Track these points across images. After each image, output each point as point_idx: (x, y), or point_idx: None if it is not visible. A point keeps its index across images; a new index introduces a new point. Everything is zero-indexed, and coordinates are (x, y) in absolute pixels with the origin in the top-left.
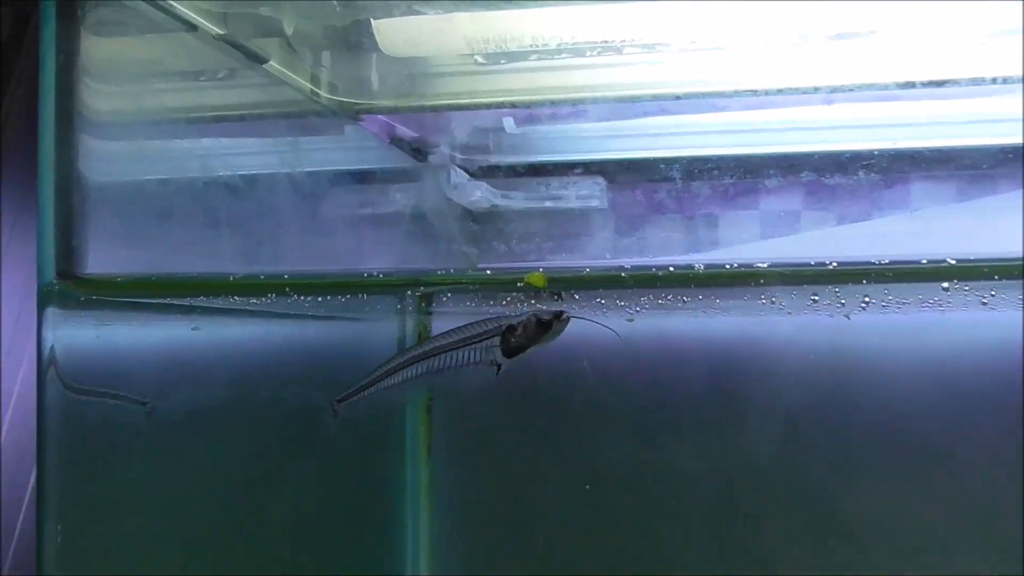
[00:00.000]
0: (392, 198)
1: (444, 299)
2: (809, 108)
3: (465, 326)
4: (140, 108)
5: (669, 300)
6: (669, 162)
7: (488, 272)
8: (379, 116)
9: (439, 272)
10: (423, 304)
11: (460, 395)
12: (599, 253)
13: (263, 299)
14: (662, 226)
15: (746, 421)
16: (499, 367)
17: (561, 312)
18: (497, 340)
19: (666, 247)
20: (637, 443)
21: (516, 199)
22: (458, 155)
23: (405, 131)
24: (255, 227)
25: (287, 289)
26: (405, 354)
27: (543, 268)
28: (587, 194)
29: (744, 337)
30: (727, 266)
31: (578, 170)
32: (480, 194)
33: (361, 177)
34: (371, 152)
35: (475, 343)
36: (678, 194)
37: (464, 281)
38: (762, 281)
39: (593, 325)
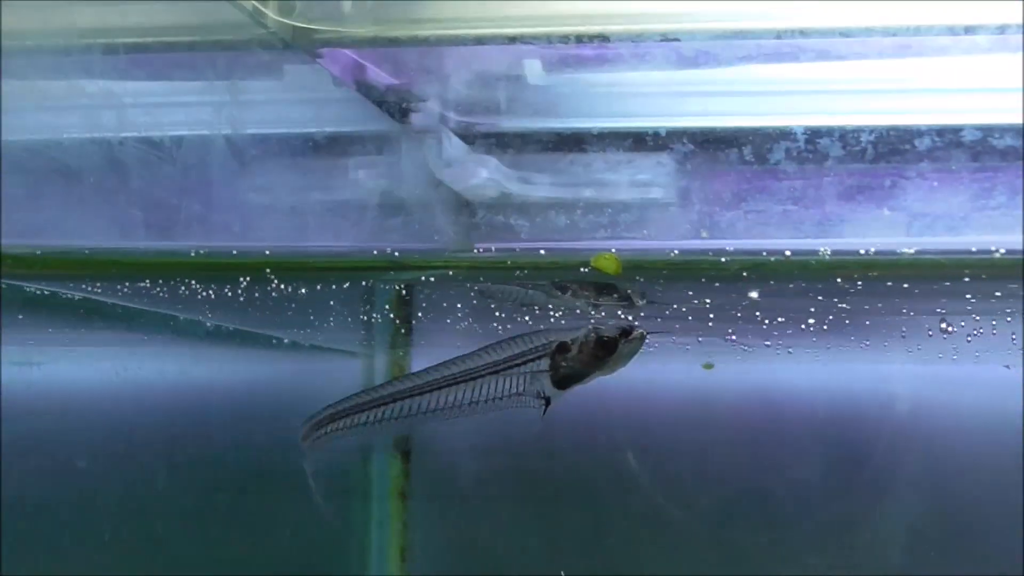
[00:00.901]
0: (353, 178)
1: (433, 298)
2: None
3: (500, 343)
4: (46, 29)
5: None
6: (775, 135)
7: (491, 250)
8: (345, 51)
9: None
10: (400, 312)
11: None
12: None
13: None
14: (758, 232)
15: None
16: (547, 403)
17: (632, 327)
18: (545, 363)
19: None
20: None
21: (539, 184)
22: (454, 115)
23: (379, 75)
24: (179, 205)
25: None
26: (406, 381)
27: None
28: (646, 180)
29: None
30: (862, 251)
31: (633, 143)
32: (486, 175)
33: (310, 144)
34: (327, 105)
35: (513, 367)
36: (788, 183)
37: (463, 264)
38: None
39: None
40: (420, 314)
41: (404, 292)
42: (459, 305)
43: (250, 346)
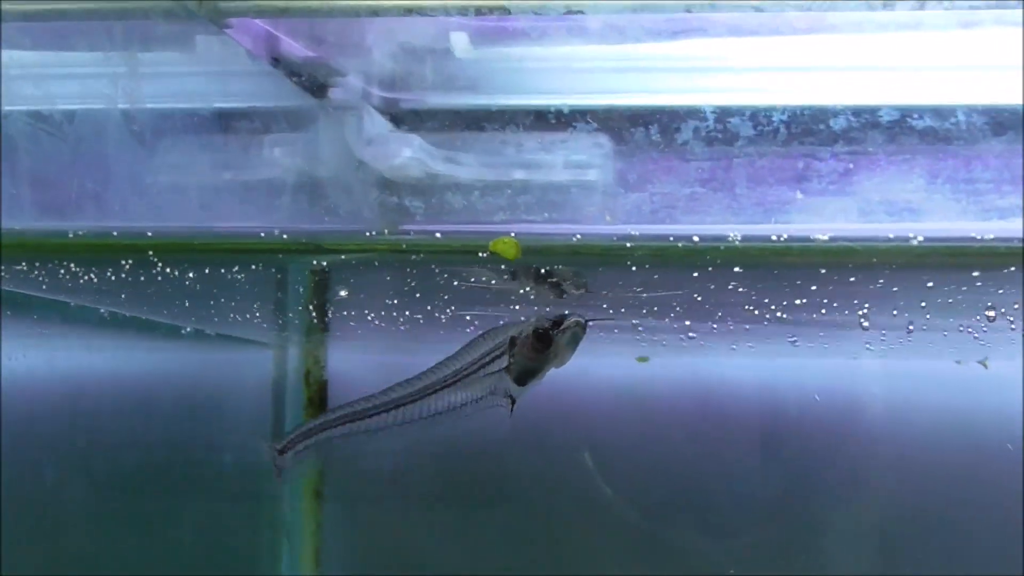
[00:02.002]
0: (267, 157)
1: (352, 283)
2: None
3: (465, 347)
4: None
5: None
6: (713, 113)
7: (408, 235)
8: (256, 22)
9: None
10: (316, 299)
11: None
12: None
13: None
14: (695, 213)
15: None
16: (513, 401)
17: (562, 317)
18: (504, 361)
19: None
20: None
21: (467, 164)
22: (376, 91)
23: (294, 48)
24: (71, 184)
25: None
26: (383, 396)
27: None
28: (582, 161)
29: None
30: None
31: (569, 122)
32: (410, 154)
33: (220, 121)
34: (239, 80)
35: (479, 369)
36: (725, 164)
37: (383, 248)
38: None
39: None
40: (337, 302)
41: (319, 278)
42: (380, 292)
43: (149, 335)
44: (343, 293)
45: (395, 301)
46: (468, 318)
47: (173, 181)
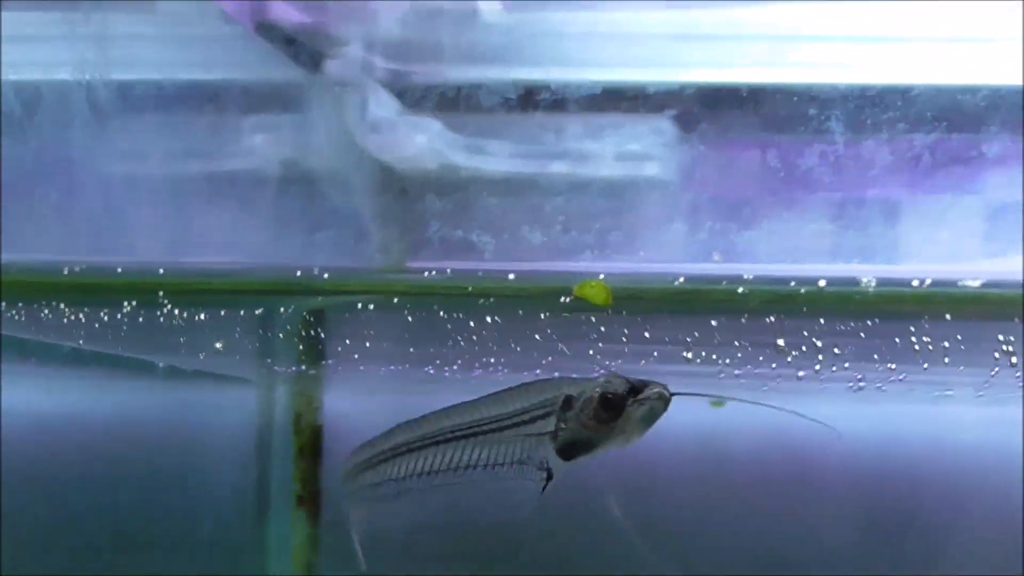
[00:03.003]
0: (247, 144)
1: (356, 327)
2: None
3: (506, 392)
4: None
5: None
6: (814, 95)
7: (431, 273)
8: None
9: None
10: (307, 341)
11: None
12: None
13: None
14: (788, 223)
15: None
16: (549, 476)
17: (645, 383)
18: (551, 423)
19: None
20: None
21: (495, 155)
22: (382, 63)
23: (285, 11)
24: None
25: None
26: (373, 447)
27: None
28: (637, 151)
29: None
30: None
31: (622, 102)
32: (425, 142)
33: (188, 98)
34: (215, 48)
35: (512, 426)
36: (830, 160)
37: (388, 290)
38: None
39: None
40: (333, 334)
41: (311, 314)
42: (385, 328)
43: (119, 371)
44: (337, 325)
45: (405, 336)
46: (501, 365)
47: (127, 172)
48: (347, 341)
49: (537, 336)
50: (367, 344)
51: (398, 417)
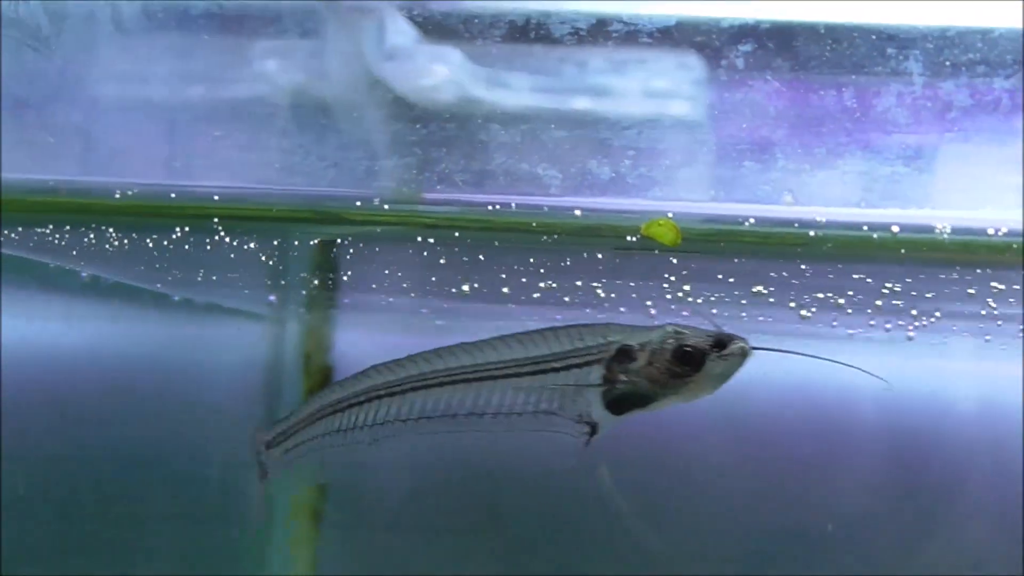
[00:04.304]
0: (258, 70)
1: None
2: None
3: (538, 333)
4: None
5: None
6: (892, 34)
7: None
8: None
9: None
10: (319, 268)
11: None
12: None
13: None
14: (839, 170)
15: None
16: (592, 430)
17: (730, 338)
18: (597, 373)
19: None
20: None
21: (516, 89)
22: None
23: None
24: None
25: None
26: (391, 373)
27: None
28: (666, 88)
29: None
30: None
31: (647, 35)
32: (445, 73)
33: (198, 19)
34: None
35: (549, 371)
36: (907, 101)
37: (404, 221)
38: None
39: None
40: (346, 271)
41: (325, 246)
42: (398, 262)
43: (133, 304)
44: (350, 259)
45: (421, 273)
46: (536, 301)
47: (124, 95)
48: (361, 278)
49: (559, 276)
50: (381, 280)
51: None
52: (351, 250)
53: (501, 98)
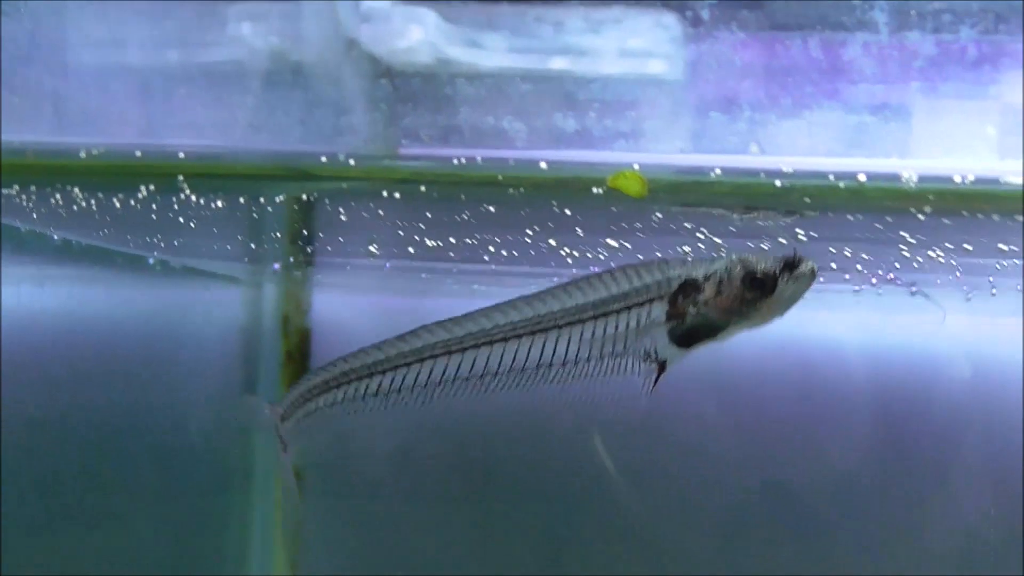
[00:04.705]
0: (232, 33)
1: (341, 211)
2: None
3: (594, 277)
4: None
5: None
6: None
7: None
8: None
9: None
10: (296, 229)
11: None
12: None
13: None
14: (811, 122)
15: None
16: (661, 367)
17: (800, 258)
18: (661, 310)
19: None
20: None
21: (491, 50)
22: None
23: None
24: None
25: None
26: (434, 333)
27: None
28: (644, 47)
29: None
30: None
31: None
32: (421, 35)
33: None
34: None
35: (611, 313)
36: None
37: (381, 176)
38: None
39: None
40: (321, 231)
41: (301, 209)
42: (381, 222)
43: (107, 267)
44: (328, 220)
45: (401, 233)
46: (504, 260)
47: (97, 60)
48: (338, 236)
49: (536, 229)
50: (357, 239)
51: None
52: (328, 209)
53: (477, 59)
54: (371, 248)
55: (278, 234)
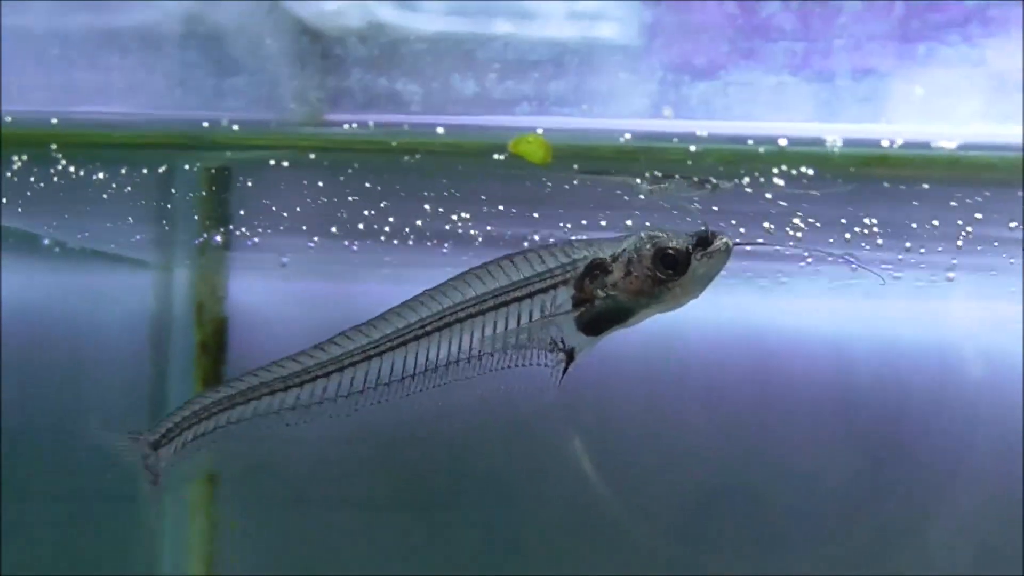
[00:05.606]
0: None
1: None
2: None
3: (494, 264)
4: None
5: None
6: None
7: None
8: None
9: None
10: (211, 208)
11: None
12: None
13: None
14: (757, 87)
15: None
16: (569, 356)
17: (713, 233)
18: (565, 295)
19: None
20: None
21: (429, 12)
22: None
23: None
24: None
25: None
26: (360, 337)
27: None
28: (592, 8)
29: None
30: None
31: None
32: None
33: None
34: None
35: (511, 302)
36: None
37: (303, 144)
38: None
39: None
40: (242, 210)
41: (218, 178)
42: (303, 197)
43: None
44: (246, 198)
45: (324, 209)
46: (449, 230)
47: (12, 24)
48: (258, 214)
49: (468, 196)
50: (281, 216)
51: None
52: (249, 185)
53: (413, 22)
54: (296, 225)
55: (193, 213)
